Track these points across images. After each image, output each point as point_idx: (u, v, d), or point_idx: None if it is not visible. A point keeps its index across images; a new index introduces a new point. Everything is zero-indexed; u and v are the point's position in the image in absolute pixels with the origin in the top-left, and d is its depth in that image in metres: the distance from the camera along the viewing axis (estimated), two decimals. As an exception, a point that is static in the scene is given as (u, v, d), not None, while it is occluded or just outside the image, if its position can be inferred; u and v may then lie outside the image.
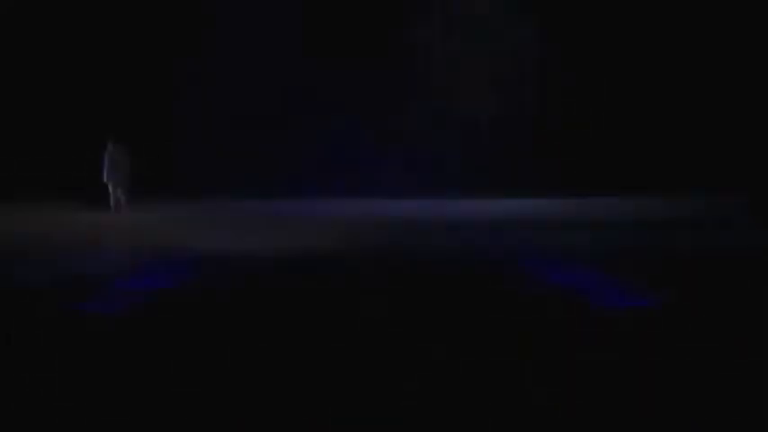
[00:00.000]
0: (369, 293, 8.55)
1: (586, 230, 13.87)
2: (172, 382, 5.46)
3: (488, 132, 19.95)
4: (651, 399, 5.00)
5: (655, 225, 14.72)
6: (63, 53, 18.27)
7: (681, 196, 18.02)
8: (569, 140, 19.78)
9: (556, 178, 19.49)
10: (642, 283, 8.81)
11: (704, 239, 12.70)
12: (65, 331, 6.94)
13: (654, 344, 6.40)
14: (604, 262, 10.23)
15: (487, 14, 19.65)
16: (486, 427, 4.62)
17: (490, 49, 19.72)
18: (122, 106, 18.19)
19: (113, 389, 5.26)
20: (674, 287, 8.62)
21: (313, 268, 10.26)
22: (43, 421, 4.71)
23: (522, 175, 19.69)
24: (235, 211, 16.93)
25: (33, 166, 17.69)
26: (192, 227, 14.38)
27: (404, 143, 19.83)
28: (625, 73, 19.52)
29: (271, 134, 19.52)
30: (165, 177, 17.30)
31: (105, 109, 18.17)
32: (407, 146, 19.86)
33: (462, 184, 19.23)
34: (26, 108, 18.38)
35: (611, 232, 13.64)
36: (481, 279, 9.61)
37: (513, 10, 19.79)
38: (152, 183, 15.63)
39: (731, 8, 18.90)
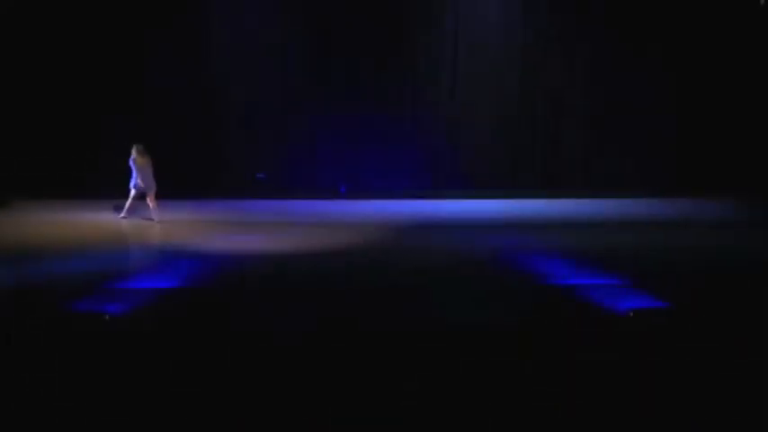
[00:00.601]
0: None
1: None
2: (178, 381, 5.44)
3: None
4: (651, 398, 4.99)
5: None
6: (63, 53, 18.21)
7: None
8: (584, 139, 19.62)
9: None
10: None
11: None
12: (64, 331, 6.92)
13: (654, 344, 6.38)
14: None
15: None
16: (487, 425, 4.61)
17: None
18: (122, 106, 18.14)
19: (110, 389, 5.24)
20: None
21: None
22: (42, 420, 4.69)
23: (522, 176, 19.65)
24: (238, 212, 16.36)
25: (35, 167, 17.61)
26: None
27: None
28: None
29: (272, 134, 19.45)
30: (168, 178, 17.16)
31: (105, 109, 18.14)
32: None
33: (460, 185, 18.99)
34: (34, 108, 18.31)
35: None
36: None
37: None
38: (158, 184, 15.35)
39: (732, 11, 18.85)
